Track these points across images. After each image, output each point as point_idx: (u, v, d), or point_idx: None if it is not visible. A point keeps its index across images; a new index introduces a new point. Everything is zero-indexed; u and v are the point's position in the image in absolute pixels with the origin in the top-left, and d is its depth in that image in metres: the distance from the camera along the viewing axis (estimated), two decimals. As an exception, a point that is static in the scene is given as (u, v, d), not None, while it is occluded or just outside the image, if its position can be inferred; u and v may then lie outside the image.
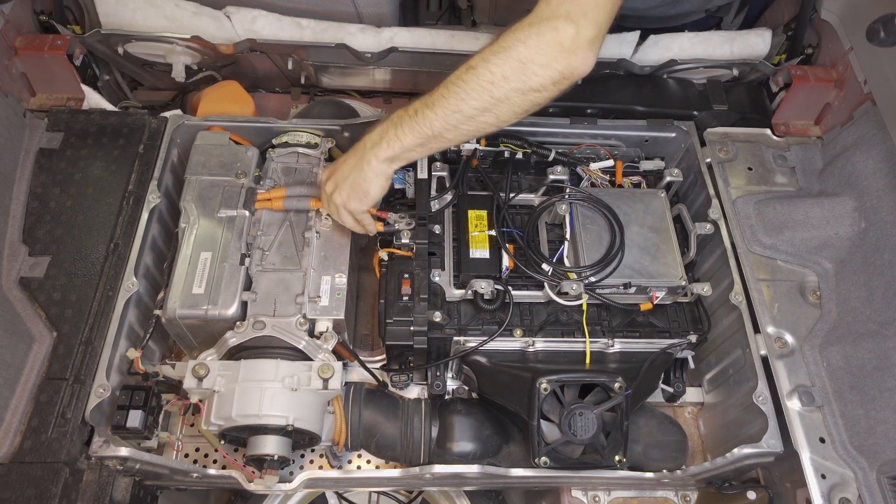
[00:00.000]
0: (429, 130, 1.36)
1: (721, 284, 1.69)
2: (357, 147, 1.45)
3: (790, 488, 1.51)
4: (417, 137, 1.37)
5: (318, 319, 1.52)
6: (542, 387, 1.44)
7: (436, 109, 1.33)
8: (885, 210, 1.65)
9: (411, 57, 1.98)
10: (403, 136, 1.38)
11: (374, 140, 1.41)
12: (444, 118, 1.34)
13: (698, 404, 1.81)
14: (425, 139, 1.37)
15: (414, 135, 1.37)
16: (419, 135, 1.37)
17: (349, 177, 1.44)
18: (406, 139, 1.38)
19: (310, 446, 1.60)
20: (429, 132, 1.36)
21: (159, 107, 2.02)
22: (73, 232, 1.62)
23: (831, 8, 1.96)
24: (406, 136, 1.37)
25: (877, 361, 1.49)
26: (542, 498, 1.76)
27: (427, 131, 1.36)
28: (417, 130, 1.36)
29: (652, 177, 1.87)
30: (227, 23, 1.92)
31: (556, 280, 1.57)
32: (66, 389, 1.43)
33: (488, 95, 1.30)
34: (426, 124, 1.35)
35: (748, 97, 2.02)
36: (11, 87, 1.81)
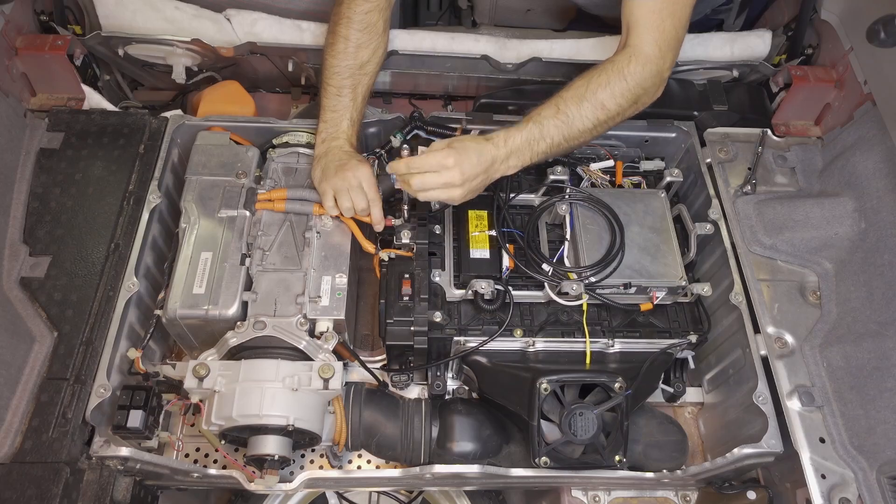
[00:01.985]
0: (554, 152, 1.56)
1: (721, 284, 1.69)
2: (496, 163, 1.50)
3: (790, 488, 1.51)
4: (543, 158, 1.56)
5: (318, 319, 1.52)
6: (542, 387, 1.44)
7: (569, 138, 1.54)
8: (885, 210, 1.65)
9: (411, 59, 1.98)
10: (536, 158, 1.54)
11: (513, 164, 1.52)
12: (569, 145, 1.56)
13: (698, 404, 1.81)
14: (547, 157, 1.57)
15: (544, 157, 1.55)
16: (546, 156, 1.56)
17: (476, 180, 1.49)
18: (537, 160, 1.55)
19: (310, 446, 1.60)
20: (553, 153, 1.56)
21: (160, 107, 2.02)
22: (74, 232, 1.62)
23: (831, 8, 1.96)
24: (538, 158, 1.55)
25: (877, 361, 1.49)
26: (542, 498, 1.76)
27: (553, 153, 1.56)
28: (546, 154, 1.55)
29: (652, 177, 1.87)
30: (227, 25, 1.92)
31: (556, 280, 1.57)
32: (66, 389, 1.43)
33: (607, 127, 1.58)
34: (556, 150, 1.55)
35: (748, 97, 2.02)
36: (12, 87, 1.81)
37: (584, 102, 1.52)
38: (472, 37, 1.97)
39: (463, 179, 1.46)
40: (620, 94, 1.53)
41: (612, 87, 1.52)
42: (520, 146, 1.51)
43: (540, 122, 1.52)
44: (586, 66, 1.94)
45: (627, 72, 1.53)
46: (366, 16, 1.66)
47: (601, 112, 1.53)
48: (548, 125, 1.52)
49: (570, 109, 1.52)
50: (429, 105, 2.25)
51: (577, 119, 1.52)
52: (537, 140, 1.51)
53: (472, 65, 1.99)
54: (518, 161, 1.52)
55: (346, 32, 1.66)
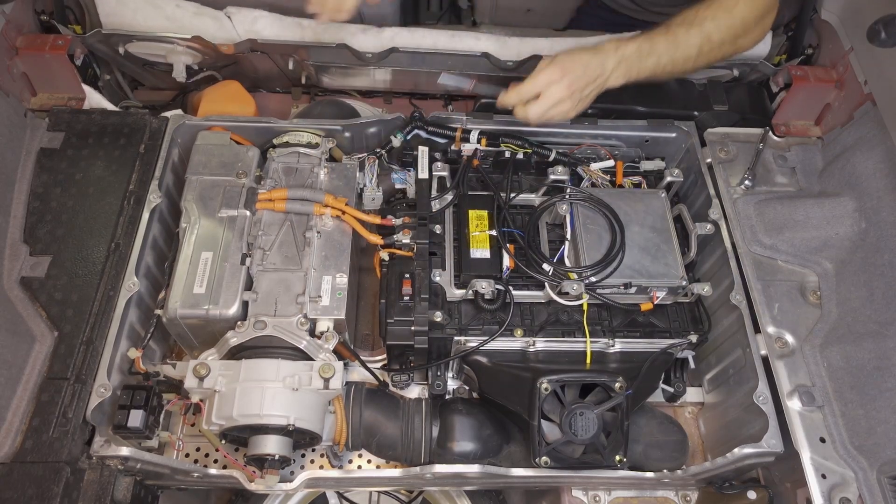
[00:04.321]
0: (656, 73, 1.59)
1: (721, 284, 1.69)
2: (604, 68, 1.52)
3: (790, 488, 1.51)
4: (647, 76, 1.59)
5: (318, 319, 1.52)
6: (542, 387, 1.45)
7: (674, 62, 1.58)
8: (885, 210, 1.65)
9: (412, 57, 1.98)
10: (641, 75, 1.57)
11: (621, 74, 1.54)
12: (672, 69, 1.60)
13: (698, 404, 1.82)
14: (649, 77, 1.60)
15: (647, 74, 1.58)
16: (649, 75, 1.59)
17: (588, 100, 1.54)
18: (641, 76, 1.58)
19: (310, 446, 1.60)
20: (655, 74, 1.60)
21: (160, 107, 2.02)
22: (75, 232, 1.62)
23: (831, 8, 1.96)
24: (643, 74, 1.57)
25: (877, 361, 1.49)
26: (542, 498, 1.76)
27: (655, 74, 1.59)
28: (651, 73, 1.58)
29: (652, 177, 1.87)
30: (227, 23, 1.92)
31: (556, 280, 1.57)
32: (67, 389, 1.43)
33: (712, 60, 1.64)
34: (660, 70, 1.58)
35: (748, 97, 2.02)
36: (12, 86, 1.81)
37: (693, 28, 1.56)
38: (472, 35, 1.97)
39: (571, 91, 1.48)
40: (726, 28, 1.57)
41: (719, 19, 1.56)
42: (629, 56, 1.53)
43: (651, 38, 1.55)
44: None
45: (736, 8, 1.57)
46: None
47: (706, 42, 1.57)
48: (658, 42, 1.55)
49: (680, 32, 1.56)
50: (429, 105, 2.25)
51: (683, 42, 1.56)
52: (647, 54, 1.55)
53: (472, 63, 1.99)
54: (624, 71, 1.54)
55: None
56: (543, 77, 1.50)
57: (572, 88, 1.49)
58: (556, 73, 1.48)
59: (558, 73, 1.48)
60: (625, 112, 1.93)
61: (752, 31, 1.65)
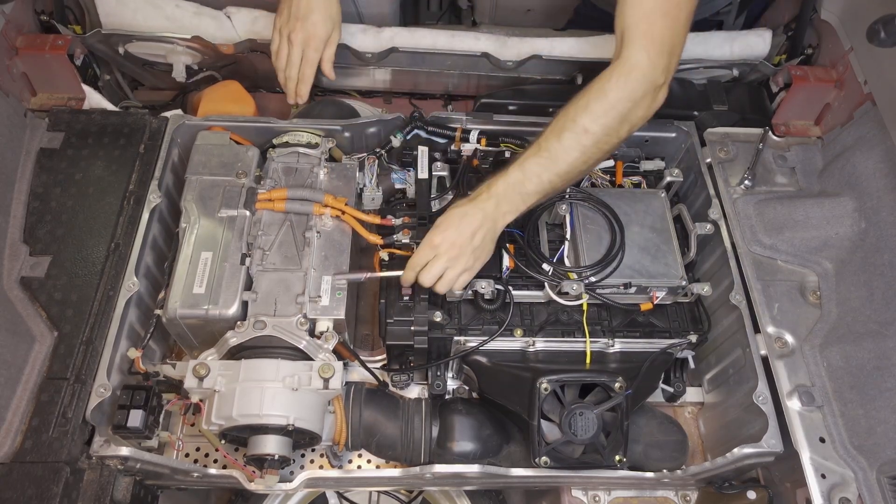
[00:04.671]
0: (551, 190, 1.48)
1: (721, 284, 1.69)
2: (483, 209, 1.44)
3: (790, 488, 1.51)
4: (541, 198, 1.48)
5: (318, 319, 1.52)
6: (542, 387, 1.45)
7: (559, 173, 1.44)
8: (885, 210, 1.65)
9: (412, 57, 1.98)
10: (530, 199, 1.47)
11: (504, 208, 1.45)
12: (566, 178, 1.47)
13: (698, 404, 1.81)
14: (545, 196, 1.49)
15: (538, 197, 1.47)
16: (543, 196, 1.48)
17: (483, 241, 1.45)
18: (531, 201, 1.48)
19: (310, 446, 1.60)
20: (550, 191, 1.48)
21: (160, 107, 2.02)
22: (74, 232, 1.62)
23: (831, 8, 1.96)
24: (532, 199, 1.47)
25: (877, 361, 1.49)
26: (542, 498, 1.76)
27: (549, 191, 1.48)
28: (542, 193, 1.47)
29: (652, 177, 1.87)
30: (227, 23, 1.92)
31: (556, 280, 1.57)
32: (66, 389, 1.43)
33: (603, 153, 1.47)
34: (550, 187, 1.46)
35: (748, 97, 2.02)
36: (12, 86, 1.81)
37: (565, 132, 1.42)
38: (472, 34, 1.97)
39: (459, 250, 1.42)
40: (603, 114, 1.40)
41: (592, 107, 1.40)
42: (504, 192, 1.44)
43: (522, 164, 1.45)
44: (587, 63, 1.95)
45: (608, 87, 1.40)
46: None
47: (585, 137, 1.41)
48: (530, 165, 1.44)
49: (552, 144, 1.43)
50: (429, 105, 2.25)
51: (560, 152, 1.42)
52: (521, 182, 1.44)
53: (472, 62, 1.99)
54: (510, 207, 1.45)
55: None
56: (424, 247, 1.45)
57: (450, 255, 1.42)
58: (436, 239, 1.44)
59: (437, 238, 1.43)
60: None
61: (644, 101, 1.42)
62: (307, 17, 1.67)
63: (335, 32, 1.74)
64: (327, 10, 1.69)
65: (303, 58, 1.72)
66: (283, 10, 1.71)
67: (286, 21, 1.70)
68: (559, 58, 1.96)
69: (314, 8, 1.67)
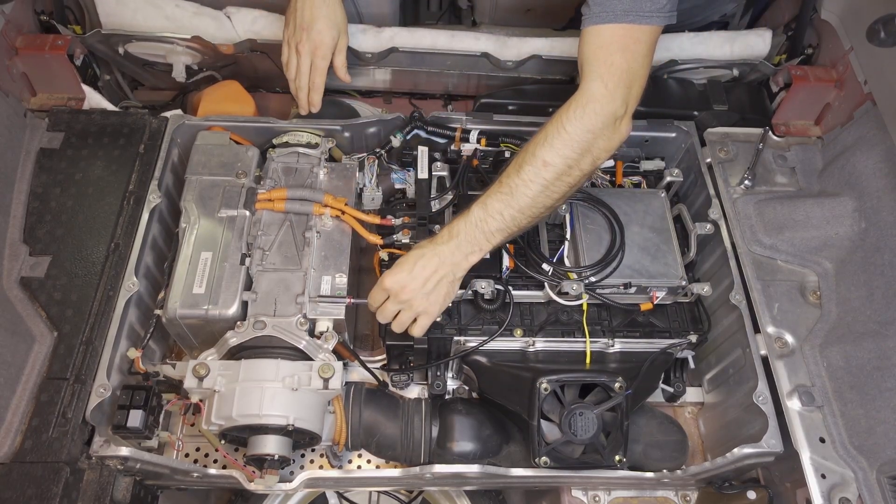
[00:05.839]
0: (516, 228, 1.43)
1: (721, 284, 1.69)
2: (440, 253, 1.41)
3: (790, 488, 1.51)
4: (506, 236, 1.44)
5: (318, 319, 1.52)
6: (542, 387, 1.44)
7: (521, 209, 1.41)
8: (885, 210, 1.65)
9: (412, 57, 1.98)
10: (494, 238, 1.43)
11: (465, 249, 1.42)
12: (529, 215, 1.42)
13: (698, 404, 1.81)
14: (511, 235, 1.45)
15: (503, 235, 1.43)
16: (508, 234, 1.44)
17: (439, 285, 1.42)
18: (496, 240, 1.44)
19: (310, 446, 1.60)
20: (516, 229, 1.44)
21: (160, 107, 2.02)
22: (74, 232, 1.62)
23: (831, 8, 1.96)
24: (496, 238, 1.43)
25: (877, 361, 1.49)
26: (542, 498, 1.76)
27: (515, 229, 1.43)
28: (507, 231, 1.43)
29: (652, 177, 1.87)
30: (227, 23, 1.92)
31: (556, 280, 1.57)
32: (66, 389, 1.43)
33: (566, 186, 1.41)
34: (514, 224, 1.42)
35: (748, 97, 2.02)
36: (12, 86, 1.81)
37: (525, 167, 1.39)
38: (472, 34, 1.97)
39: (410, 294, 1.40)
40: (562, 146, 1.37)
41: (551, 140, 1.37)
42: (465, 232, 1.41)
43: (483, 202, 1.41)
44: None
45: (566, 119, 1.37)
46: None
47: (545, 170, 1.37)
48: (492, 203, 1.40)
49: (512, 180, 1.39)
50: (429, 105, 2.25)
51: (521, 187, 1.39)
52: (483, 220, 1.40)
53: (472, 62, 1.99)
54: (472, 247, 1.42)
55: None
56: (373, 298, 1.45)
57: (401, 299, 1.40)
58: (380, 294, 1.43)
59: (387, 282, 1.41)
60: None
61: (604, 133, 1.38)
62: (312, 27, 1.67)
63: (342, 39, 1.74)
64: (332, 18, 1.69)
65: (312, 67, 1.72)
66: (289, 21, 1.72)
67: (293, 32, 1.70)
68: (559, 58, 1.96)
69: (318, 17, 1.67)
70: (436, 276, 1.41)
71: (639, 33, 1.37)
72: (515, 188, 1.39)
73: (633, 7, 1.35)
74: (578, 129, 1.37)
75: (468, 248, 1.42)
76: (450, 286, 1.44)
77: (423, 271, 1.40)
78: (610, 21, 1.37)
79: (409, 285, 1.40)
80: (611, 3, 1.36)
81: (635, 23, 1.36)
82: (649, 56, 1.41)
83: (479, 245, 1.42)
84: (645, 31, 1.37)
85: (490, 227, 1.41)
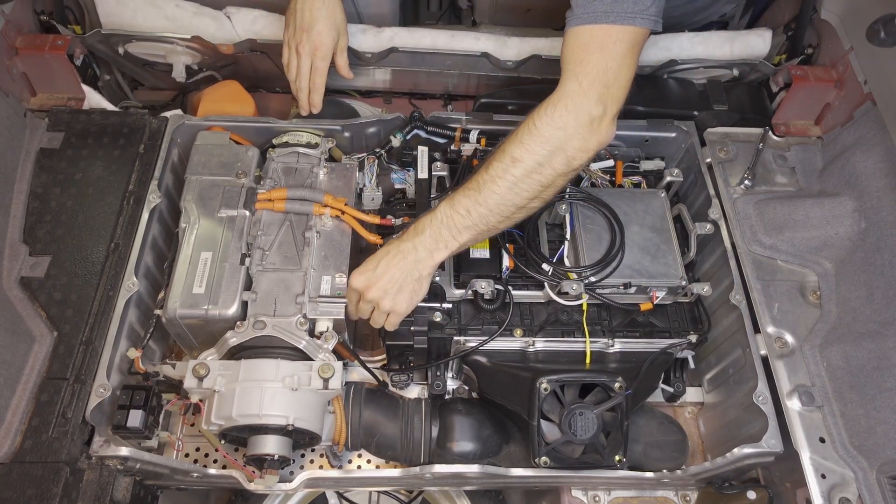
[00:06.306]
0: (484, 227, 1.40)
1: (721, 284, 1.69)
2: (404, 250, 1.40)
3: (790, 488, 1.51)
4: (474, 235, 1.41)
5: (318, 319, 1.52)
6: (542, 387, 1.44)
7: (490, 206, 1.37)
8: (885, 210, 1.65)
9: (412, 57, 1.98)
10: (460, 236, 1.40)
11: (430, 246, 1.40)
12: (499, 213, 1.38)
13: (698, 404, 1.81)
14: (480, 234, 1.41)
15: (470, 233, 1.40)
16: (475, 232, 1.40)
17: (403, 283, 1.40)
18: (463, 239, 1.40)
19: (310, 446, 1.60)
20: (484, 228, 1.40)
21: (160, 107, 2.02)
22: (74, 232, 1.62)
23: (831, 8, 1.96)
24: (463, 236, 1.40)
25: (877, 361, 1.49)
26: (542, 498, 1.76)
27: (483, 227, 1.40)
28: (474, 229, 1.39)
29: (652, 177, 1.87)
30: (227, 23, 1.92)
31: (556, 280, 1.57)
32: (66, 389, 1.43)
33: (537, 185, 1.37)
34: (482, 222, 1.39)
35: (748, 97, 2.02)
36: (12, 86, 1.81)
37: (493, 163, 1.36)
38: (472, 34, 1.97)
39: (377, 293, 1.40)
40: (532, 142, 1.34)
41: (522, 137, 1.35)
42: (429, 227, 1.39)
43: (451, 199, 1.39)
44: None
45: (537, 116, 1.35)
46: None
47: (514, 167, 1.34)
48: (459, 199, 1.38)
49: (480, 176, 1.37)
50: (429, 105, 2.25)
51: (488, 183, 1.36)
52: (450, 216, 1.38)
53: (472, 62, 1.99)
54: (436, 244, 1.39)
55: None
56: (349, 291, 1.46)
57: (369, 297, 1.40)
58: (356, 282, 1.42)
59: (356, 281, 1.42)
60: (625, 112, 1.89)
61: (577, 132, 1.34)
62: (312, 28, 1.68)
63: (342, 39, 1.75)
64: (331, 18, 1.70)
65: (312, 68, 1.72)
66: (289, 23, 1.72)
67: (293, 34, 1.71)
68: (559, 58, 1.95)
69: (317, 17, 1.68)
70: (400, 275, 1.40)
71: (619, 33, 1.34)
72: (483, 185, 1.37)
73: (614, 8, 1.33)
74: (548, 125, 1.34)
75: (432, 245, 1.39)
76: (415, 283, 1.42)
77: (387, 269, 1.40)
78: (590, 22, 1.35)
79: (375, 284, 1.40)
80: (592, 5, 1.34)
81: (616, 23, 1.33)
82: (630, 57, 1.37)
83: (445, 242, 1.39)
84: (625, 32, 1.34)
85: (456, 224, 1.38)
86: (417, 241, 1.40)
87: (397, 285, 1.41)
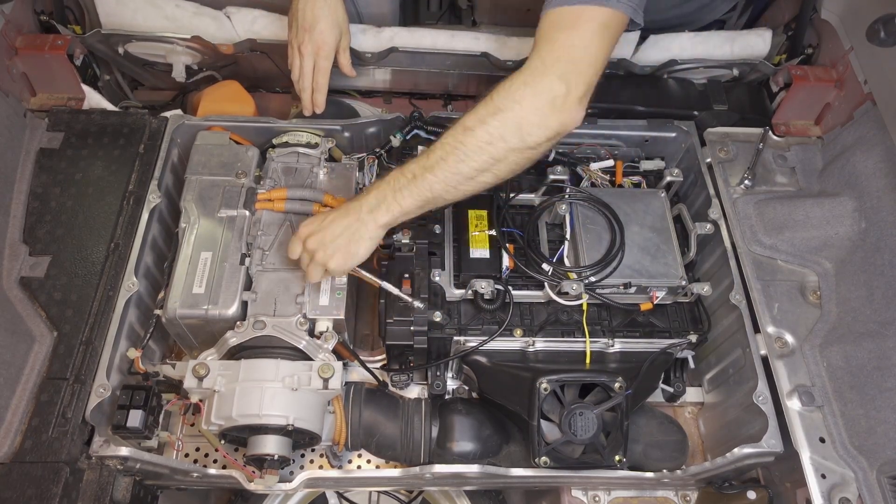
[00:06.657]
0: (429, 193, 1.37)
1: (721, 284, 1.69)
2: (350, 208, 1.41)
3: (790, 488, 1.51)
4: (417, 201, 1.38)
5: (318, 319, 1.52)
6: (542, 387, 1.44)
7: (435, 172, 1.35)
8: (885, 210, 1.65)
9: (411, 57, 1.98)
10: (403, 200, 1.38)
11: (372, 204, 1.39)
12: (444, 180, 1.35)
13: (698, 404, 1.81)
14: (425, 202, 1.39)
15: (413, 198, 1.37)
16: (419, 198, 1.37)
17: (340, 238, 1.40)
18: (406, 203, 1.38)
19: (310, 446, 1.60)
20: (429, 195, 1.37)
21: (160, 107, 2.02)
22: (74, 232, 1.62)
23: (831, 8, 1.96)
24: (406, 199, 1.38)
25: (877, 361, 1.49)
26: (542, 498, 1.76)
27: (427, 194, 1.37)
28: (417, 194, 1.37)
29: (652, 177, 1.87)
30: (227, 23, 1.92)
31: (556, 280, 1.57)
32: (66, 389, 1.43)
33: (487, 156, 1.33)
34: (426, 187, 1.36)
35: (748, 97, 2.02)
36: (12, 86, 1.81)
37: (447, 132, 1.36)
38: (472, 34, 1.97)
39: (315, 244, 1.40)
40: (485, 112, 1.31)
41: (477, 108, 1.34)
42: (376, 188, 1.40)
43: (402, 165, 1.40)
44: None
45: (496, 90, 1.33)
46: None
47: (465, 136, 1.32)
48: (409, 164, 1.38)
49: (433, 145, 1.37)
50: (429, 105, 2.25)
51: (437, 149, 1.35)
52: (396, 178, 1.38)
53: (472, 62, 1.99)
54: (378, 202, 1.38)
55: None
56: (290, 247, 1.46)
57: (309, 247, 1.41)
58: (296, 242, 1.44)
59: (296, 241, 1.44)
60: (625, 112, 1.92)
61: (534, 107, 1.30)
62: (314, 28, 1.68)
63: (344, 38, 1.76)
64: (333, 18, 1.70)
65: (315, 67, 1.72)
66: (291, 23, 1.73)
67: (296, 34, 1.71)
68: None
69: (319, 17, 1.68)
70: (339, 230, 1.39)
71: (591, 13, 1.31)
72: (432, 151, 1.36)
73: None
74: (504, 98, 1.31)
75: (374, 203, 1.38)
76: (353, 244, 1.40)
77: (331, 223, 1.40)
78: (562, 4, 1.34)
79: (315, 235, 1.41)
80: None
81: (588, 4, 1.32)
82: (601, 37, 1.32)
83: (388, 205, 1.38)
84: (598, 12, 1.32)
85: (399, 185, 1.37)
86: (363, 201, 1.40)
87: (335, 241, 1.40)
